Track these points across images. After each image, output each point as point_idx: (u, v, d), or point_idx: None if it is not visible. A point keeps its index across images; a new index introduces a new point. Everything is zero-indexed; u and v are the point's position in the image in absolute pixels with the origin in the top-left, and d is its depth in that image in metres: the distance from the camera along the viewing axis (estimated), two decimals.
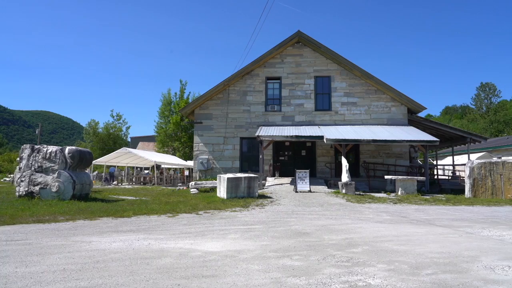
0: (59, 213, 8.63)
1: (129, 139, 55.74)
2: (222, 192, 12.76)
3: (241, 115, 19.99)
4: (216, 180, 14.78)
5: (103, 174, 30.08)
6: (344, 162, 15.09)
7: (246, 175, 13.17)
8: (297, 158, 20.07)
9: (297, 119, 19.74)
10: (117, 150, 28.75)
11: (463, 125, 56.56)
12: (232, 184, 12.48)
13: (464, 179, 15.63)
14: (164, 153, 35.79)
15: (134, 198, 13.20)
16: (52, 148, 12.05)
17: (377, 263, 4.47)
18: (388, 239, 6.04)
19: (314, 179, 17.75)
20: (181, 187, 19.57)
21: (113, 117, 48.51)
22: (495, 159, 21.13)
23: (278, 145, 20.01)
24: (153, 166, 28.95)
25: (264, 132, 17.28)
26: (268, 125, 19.45)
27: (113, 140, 47.10)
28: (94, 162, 24.77)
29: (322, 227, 7.19)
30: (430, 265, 4.38)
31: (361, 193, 14.95)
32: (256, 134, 16.98)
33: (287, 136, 16.74)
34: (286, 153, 20.36)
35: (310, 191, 14.55)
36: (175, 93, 38.08)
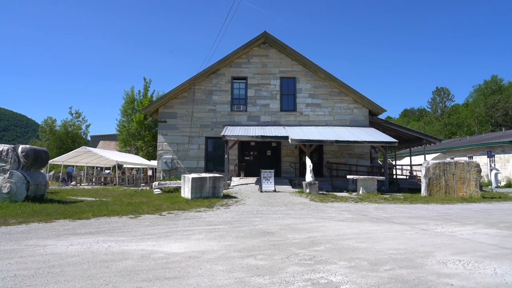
0: (11, 216, 8.14)
1: (89, 138, 53.62)
2: (186, 192, 12.58)
3: (207, 115, 19.82)
4: (180, 180, 14.53)
5: (61, 174, 28.71)
6: (308, 162, 15.37)
7: (211, 175, 13.07)
8: (263, 158, 20.19)
9: (262, 119, 19.86)
10: (76, 149, 27.53)
11: (420, 127, 59.38)
12: (197, 184, 12.34)
13: (420, 179, 16.42)
14: (126, 152, 34.73)
15: (94, 199, 12.70)
16: (3, 147, 11.33)
17: (338, 260, 4.59)
18: (350, 237, 6.22)
19: (279, 179, 17.94)
20: (144, 188, 19.07)
21: (72, 114, 46.51)
22: (448, 159, 22.39)
23: (244, 145, 20.03)
24: (114, 166, 28.01)
25: (230, 132, 17.23)
26: (234, 125, 19.43)
27: (71, 138, 45.11)
28: (50, 161, 23.56)
29: (286, 226, 7.28)
30: (388, 261, 4.55)
31: (325, 192, 15.30)
32: (222, 133, 16.90)
33: (252, 136, 16.80)
34: (251, 153, 20.42)
35: (275, 190, 14.69)
36: (139, 91, 37.12)
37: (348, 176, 16.39)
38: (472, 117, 61.35)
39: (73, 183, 26.07)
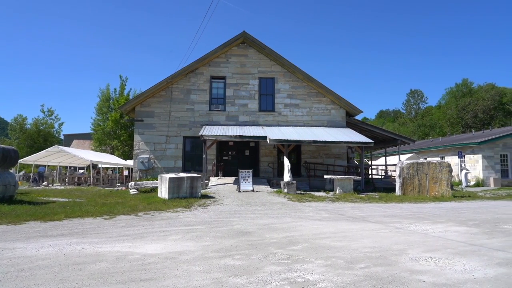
0: None
1: (62, 137, 52.07)
2: (163, 192, 12.41)
3: (185, 114, 19.62)
4: (157, 180, 14.32)
5: (31, 174, 27.70)
6: (286, 162, 15.47)
7: (189, 174, 12.95)
8: (241, 158, 20.17)
9: (241, 119, 19.84)
10: (48, 148, 26.64)
11: (395, 128, 60.98)
12: (174, 184, 12.19)
13: (395, 178, 16.84)
14: (101, 151, 33.91)
15: (67, 200, 12.33)
16: None
17: (315, 259, 4.64)
18: (326, 236, 6.30)
19: (257, 178, 17.96)
20: (119, 188, 18.68)
21: (44, 112, 44.94)
22: (421, 159, 23.03)
23: (222, 144, 19.96)
24: (89, 166, 27.27)
25: (208, 131, 17.12)
26: (212, 124, 19.32)
27: (43, 137, 43.64)
28: (20, 161, 22.71)
29: (264, 226, 7.30)
30: (363, 259, 4.64)
31: (302, 192, 15.44)
32: (200, 133, 16.77)
33: (231, 136, 16.75)
34: (230, 153, 20.37)
35: (253, 190, 14.70)
36: (115, 89, 36.32)
37: (326, 176, 16.61)
38: (444, 119, 63.50)
39: (44, 183, 25.22)
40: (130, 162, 27.18)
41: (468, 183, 24.39)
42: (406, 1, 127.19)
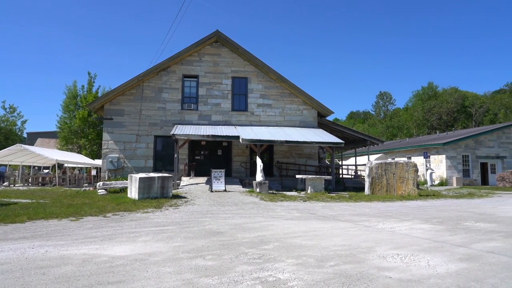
0: None
1: (25, 135, 49.78)
2: (133, 192, 12.13)
3: (156, 113, 19.27)
4: (127, 180, 13.96)
5: None
6: (259, 162, 15.52)
7: (160, 174, 12.72)
8: (213, 157, 20.06)
9: (213, 119, 19.72)
10: (9, 146, 25.37)
11: (364, 129, 62.64)
12: (145, 184, 11.94)
13: (364, 178, 17.29)
14: (68, 150, 32.68)
15: (30, 201, 11.79)
16: None
17: (286, 258, 4.68)
18: (298, 235, 6.37)
19: (230, 178, 17.92)
20: (87, 188, 18.08)
21: (5, 109, 42.85)
22: (389, 160, 23.82)
23: (194, 144, 19.76)
24: (54, 165, 26.22)
25: (180, 130, 16.90)
26: (184, 123, 19.09)
27: (4, 135, 41.61)
28: None
29: (236, 225, 7.29)
30: (333, 257, 4.73)
31: (274, 191, 15.55)
32: (172, 132, 16.53)
33: (203, 135, 16.62)
34: (202, 152, 20.20)
35: (225, 190, 14.65)
36: (82, 86, 35.12)
37: (297, 176, 16.81)
38: (411, 120, 65.90)
39: (5, 183, 24.01)
40: (98, 162, 26.36)
41: (433, 182, 25.42)
42: (376, 2, 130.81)
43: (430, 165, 27.69)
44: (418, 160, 27.33)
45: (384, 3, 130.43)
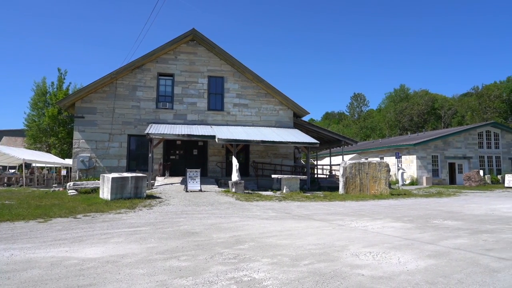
0: None
1: None
2: (105, 193, 11.82)
3: (130, 111, 18.86)
4: (99, 180, 13.59)
5: None
6: (235, 162, 15.49)
7: (134, 174, 12.46)
8: (189, 157, 19.85)
9: (189, 118, 19.51)
10: None
11: (339, 130, 63.77)
12: (118, 184, 11.67)
13: (339, 178, 17.59)
14: (36, 149, 31.46)
15: None
16: None
17: (262, 257, 4.69)
18: (273, 234, 6.40)
19: (205, 178, 17.79)
20: (56, 189, 17.46)
21: None
22: (363, 160, 24.31)
23: (169, 143, 19.48)
24: (21, 165, 25.17)
25: (155, 129, 16.62)
26: (159, 122, 18.78)
27: None
28: None
29: (212, 226, 7.24)
30: (307, 256, 4.78)
31: (250, 191, 15.56)
32: (146, 131, 16.23)
33: (178, 134, 16.41)
34: (177, 152, 19.95)
35: (201, 190, 14.54)
36: (52, 83, 33.86)
37: (273, 176, 16.90)
38: (384, 122, 67.68)
39: None
40: (69, 161, 25.52)
41: (404, 182, 26.20)
42: (350, 3, 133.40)
43: (401, 165, 28.51)
44: (390, 160, 28.09)
45: (358, 5, 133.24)
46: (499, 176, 28.59)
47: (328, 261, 4.54)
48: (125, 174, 12.39)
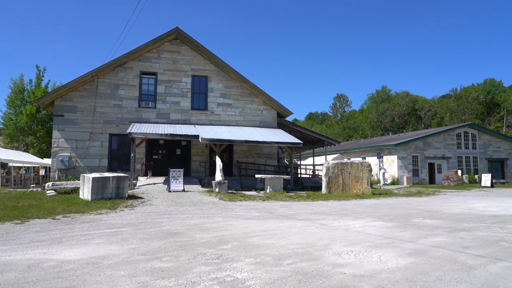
0: None
1: None
2: (86, 193, 11.58)
3: (112, 110, 18.53)
4: (79, 180, 13.30)
5: None
6: (218, 162, 15.44)
7: (115, 174, 12.25)
8: (172, 157, 19.66)
9: (172, 117, 19.33)
10: None
11: (322, 130, 64.35)
12: (98, 184, 11.45)
13: (322, 177, 17.74)
14: (13, 149, 30.57)
15: None
16: None
17: (245, 257, 4.69)
18: (256, 234, 6.41)
19: (189, 178, 17.66)
20: (34, 189, 17.00)
21: None
22: (345, 160, 24.61)
23: (152, 143, 19.25)
24: None
25: (137, 129, 16.39)
26: (142, 122, 18.53)
27: None
28: None
29: (194, 226, 7.19)
30: (291, 256, 4.81)
31: (234, 191, 15.53)
32: (128, 130, 15.99)
33: (161, 134, 16.24)
34: (160, 151, 19.73)
35: (184, 190, 14.42)
36: (30, 80, 33.00)
37: (257, 175, 16.92)
38: (366, 122, 68.74)
39: None
40: (47, 161, 24.89)
41: (385, 182, 26.66)
42: (334, 4, 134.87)
43: (383, 165, 29.01)
44: (372, 160, 28.54)
45: (340, 6, 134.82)
46: (476, 176, 29.44)
47: (311, 260, 4.57)
48: (106, 174, 12.18)
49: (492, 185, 24.08)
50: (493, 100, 63.34)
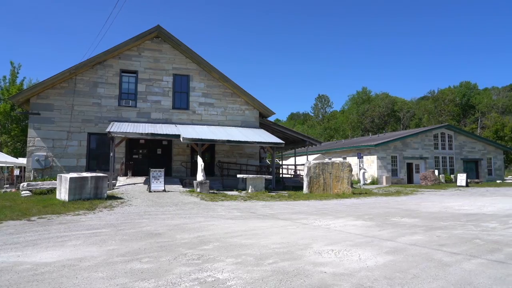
0: None
1: None
2: (63, 193, 11.29)
3: (90, 108, 18.12)
4: (56, 180, 12.95)
5: None
6: (200, 161, 15.33)
7: (94, 174, 12.00)
8: (153, 156, 19.40)
9: (153, 116, 19.07)
10: None
11: (304, 130, 64.87)
12: (76, 184, 11.18)
13: (303, 177, 17.87)
14: None
15: None
16: None
17: (226, 258, 4.67)
18: (238, 234, 6.40)
19: (170, 178, 17.47)
20: (8, 190, 16.47)
21: None
22: (327, 160, 24.88)
23: (132, 142, 18.93)
24: None
25: (117, 128, 16.09)
26: (122, 121, 18.19)
27: None
28: None
29: (175, 226, 7.12)
30: (272, 255, 4.82)
31: (215, 191, 15.46)
32: (107, 130, 15.67)
33: (142, 133, 15.99)
34: (140, 151, 19.43)
35: (164, 190, 14.25)
36: (4, 77, 31.86)
37: (239, 175, 16.90)
38: (347, 123, 69.72)
39: None
40: (22, 161, 24.09)
41: (365, 181, 27.11)
42: (317, 5, 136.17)
43: (363, 165, 29.47)
44: (353, 160, 28.95)
45: (323, 6, 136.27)
46: (452, 176, 30.29)
47: (292, 260, 4.60)
48: (85, 174, 11.91)
49: (467, 185, 24.84)
50: (469, 102, 65.46)
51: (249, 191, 15.57)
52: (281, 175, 24.74)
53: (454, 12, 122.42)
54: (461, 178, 25.35)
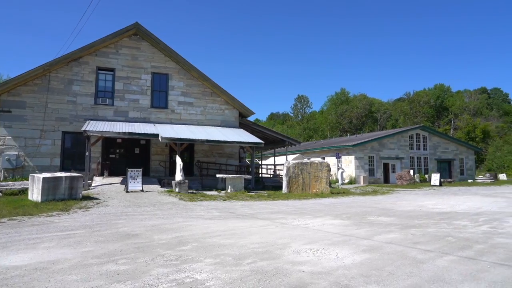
0: None
1: None
2: (35, 194, 10.92)
3: (65, 106, 17.62)
4: (28, 180, 12.51)
5: None
6: (179, 161, 15.17)
7: (68, 174, 11.66)
8: (130, 156, 19.05)
9: (131, 115, 18.72)
10: None
11: (283, 130, 65.22)
12: (49, 184, 10.83)
13: (282, 177, 17.97)
14: None
15: None
16: None
17: (204, 258, 4.64)
18: (217, 234, 6.36)
19: (148, 178, 17.21)
20: None
21: None
22: (306, 160, 25.11)
23: (109, 142, 18.53)
24: None
25: (93, 127, 15.71)
26: (98, 119, 17.78)
27: None
28: None
29: (153, 227, 7.01)
30: (251, 255, 4.82)
31: (194, 191, 15.34)
32: (83, 128, 15.28)
33: (119, 132, 15.67)
34: (117, 150, 19.05)
35: (142, 190, 14.02)
36: None
37: (218, 175, 16.82)
38: (326, 123, 70.59)
39: None
40: None
41: (344, 181, 27.54)
42: (299, 6, 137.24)
43: (341, 165, 29.92)
44: (331, 160, 29.34)
45: (303, 6, 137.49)
46: (426, 175, 31.18)
47: (271, 259, 4.61)
48: (59, 174, 11.56)
49: (440, 184, 25.63)
50: (442, 104, 67.54)
51: (229, 191, 15.53)
52: (260, 175, 24.80)
53: (430, 14, 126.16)
54: (435, 178, 26.13)
